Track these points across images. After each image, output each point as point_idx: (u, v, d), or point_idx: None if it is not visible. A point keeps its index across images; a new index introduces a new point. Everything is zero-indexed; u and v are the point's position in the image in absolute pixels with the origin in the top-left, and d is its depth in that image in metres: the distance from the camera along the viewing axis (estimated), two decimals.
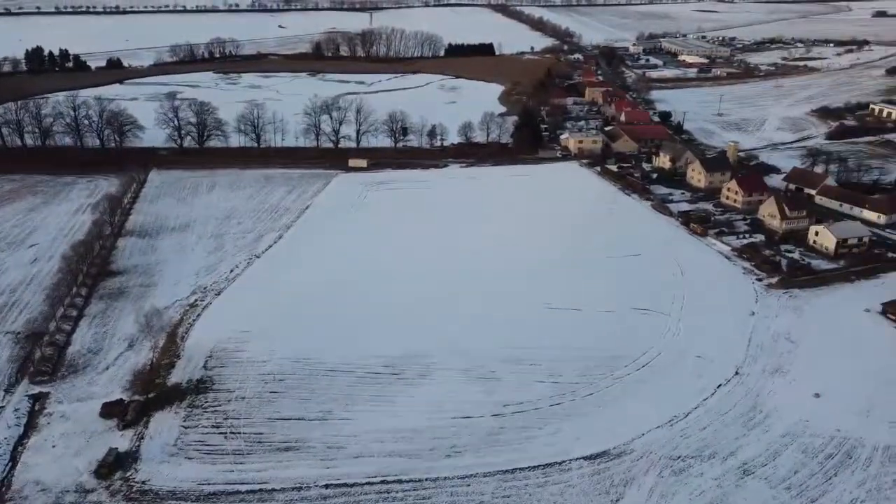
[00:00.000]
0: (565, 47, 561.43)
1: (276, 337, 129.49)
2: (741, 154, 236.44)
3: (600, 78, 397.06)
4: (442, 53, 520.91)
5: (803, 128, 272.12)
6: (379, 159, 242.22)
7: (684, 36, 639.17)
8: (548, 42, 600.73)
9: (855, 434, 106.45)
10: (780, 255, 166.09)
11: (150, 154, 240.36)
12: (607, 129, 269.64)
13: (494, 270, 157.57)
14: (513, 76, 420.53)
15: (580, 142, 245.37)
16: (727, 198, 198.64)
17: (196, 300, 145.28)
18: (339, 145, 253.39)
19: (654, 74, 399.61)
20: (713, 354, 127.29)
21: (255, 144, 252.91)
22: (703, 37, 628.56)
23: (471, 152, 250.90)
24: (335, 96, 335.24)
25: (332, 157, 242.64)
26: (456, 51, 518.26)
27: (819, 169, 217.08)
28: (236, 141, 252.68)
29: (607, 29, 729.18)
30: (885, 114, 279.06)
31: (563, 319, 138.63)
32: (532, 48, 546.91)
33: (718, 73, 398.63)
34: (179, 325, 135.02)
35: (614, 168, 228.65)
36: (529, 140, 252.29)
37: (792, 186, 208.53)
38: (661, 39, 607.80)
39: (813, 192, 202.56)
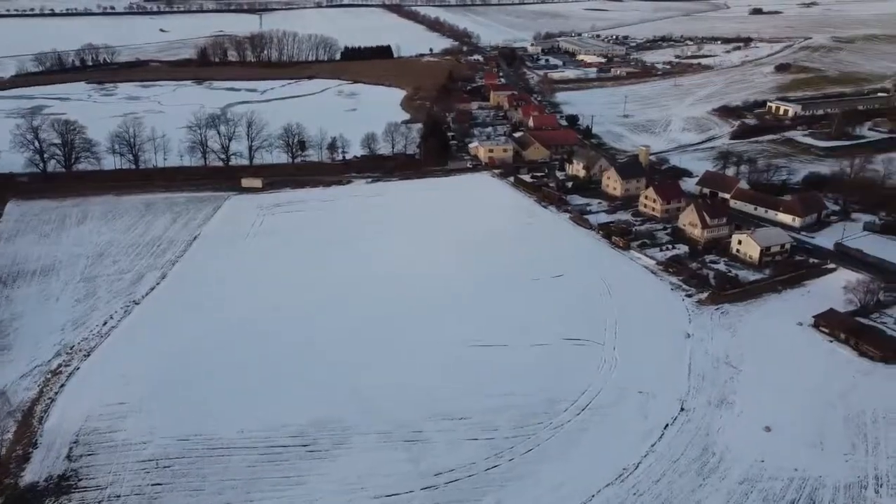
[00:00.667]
0: (464, 48, 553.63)
1: (159, 409, 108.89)
2: (652, 158, 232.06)
3: (503, 80, 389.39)
4: (338, 57, 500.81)
5: (707, 128, 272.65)
6: (275, 178, 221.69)
7: (580, 35, 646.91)
8: (446, 43, 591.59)
9: (813, 472, 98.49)
10: (706, 268, 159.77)
11: (5, 182, 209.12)
12: (516, 135, 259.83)
13: (411, 304, 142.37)
14: (414, 80, 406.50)
15: (490, 151, 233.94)
16: (645, 206, 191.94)
17: (60, 365, 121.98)
18: (230, 163, 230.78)
19: (556, 75, 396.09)
20: (655, 388, 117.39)
21: (133, 166, 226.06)
22: (598, 35, 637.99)
23: (376, 166, 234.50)
24: (224, 106, 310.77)
25: (223, 178, 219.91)
26: (353, 54, 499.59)
27: (730, 171, 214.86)
28: (111, 163, 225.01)
29: (504, 29, 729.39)
30: (781, 111, 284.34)
31: (491, 358, 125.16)
32: (431, 50, 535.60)
33: (618, 72, 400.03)
34: (37, 401, 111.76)
35: (528, 178, 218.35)
36: (437, 150, 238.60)
37: (706, 191, 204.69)
38: (558, 39, 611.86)
39: (727, 196, 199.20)
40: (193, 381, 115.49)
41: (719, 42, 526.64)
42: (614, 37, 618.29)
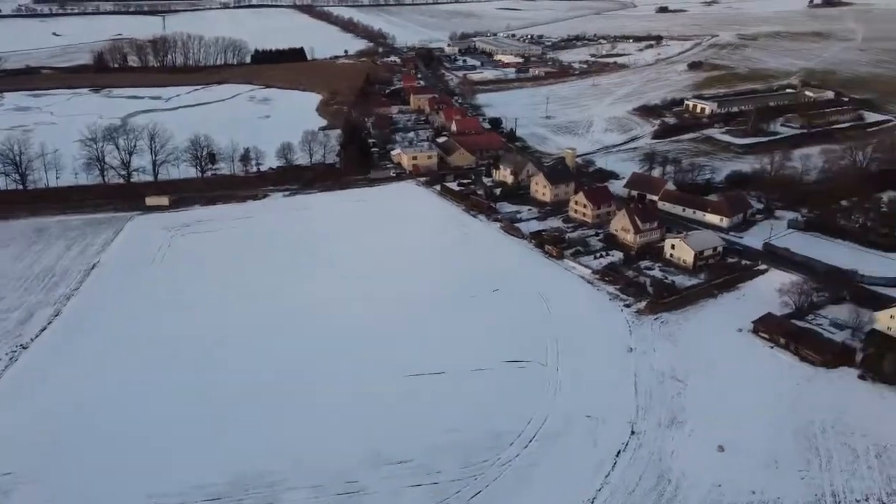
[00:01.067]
0: (380, 49, 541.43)
1: (53, 478, 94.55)
2: (578, 160, 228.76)
3: (421, 82, 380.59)
4: (248, 60, 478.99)
5: (629, 127, 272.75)
6: (183, 194, 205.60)
7: (495, 35, 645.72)
8: (361, 44, 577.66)
9: (772, 494, 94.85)
10: (642, 275, 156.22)
11: None
12: (440, 140, 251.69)
13: (341, 333, 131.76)
14: (329, 83, 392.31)
15: (414, 158, 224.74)
16: (576, 212, 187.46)
17: None
18: (132, 180, 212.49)
19: (475, 77, 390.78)
20: (603, 411, 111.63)
21: (21, 186, 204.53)
22: (513, 35, 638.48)
23: (294, 177, 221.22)
24: (124, 116, 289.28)
25: (124, 197, 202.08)
26: (264, 57, 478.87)
27: (656, 172, 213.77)
28: None
29: (419, 29, 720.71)
30: (698, 109, 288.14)
31: (429, 389, 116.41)
32: (346, 52, 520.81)
33: (536, 72, 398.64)
34: None
35: (455, 186, 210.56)
36: (358, 159, 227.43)
37: (634, 193, 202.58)
38: (475, 39, 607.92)
39: (655, 197, 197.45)
40: (93, 441, 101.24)
41: (631, 40, 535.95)
42: (529, 36, 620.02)
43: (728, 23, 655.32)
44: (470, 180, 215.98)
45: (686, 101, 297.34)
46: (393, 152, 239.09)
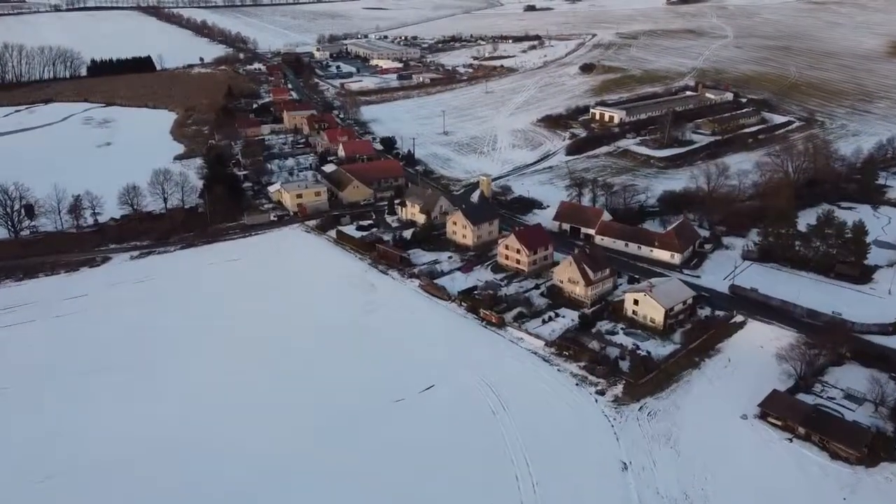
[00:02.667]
0: (241, 56, 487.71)
1: None
2: (493, 187, 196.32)
3: (293, 94, 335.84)
4: (84, 73, 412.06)
5: (538, 142, 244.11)
6: None
7: (366, 37, 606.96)
8: (218, 50, 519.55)
9: None
10: (607, 344, 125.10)
11: None
12: (327, 169, 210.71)
13: (215, 478, 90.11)
14: (184, 98, 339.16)
15: (299, 196, 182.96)
16: (507, 258, 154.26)
17: None
18: None
19: (354, 86, 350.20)
20: None
21: None
22: (385, 37, 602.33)
23: (144, 230, 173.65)
24: None
25: None
26: (103, 69, 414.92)
27: (586, 198, 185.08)
28: None
29: (281, 32, 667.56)
30: (606, 118, 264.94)
31: None
32: (201, 59, 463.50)
33: (421, 79, 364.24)
34: None
35: (353, 230, 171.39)
36: (228, 200, 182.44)
37: (566, 226, 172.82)
38: (345, 42, 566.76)
39: (591, 231, 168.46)
40: None
41: (510, 41, 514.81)
42: (403, 38, 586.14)
43: (599, 21, 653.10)
44: (371, 221, 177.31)
45: (592, 110, 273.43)
46: (271, 188, 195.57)
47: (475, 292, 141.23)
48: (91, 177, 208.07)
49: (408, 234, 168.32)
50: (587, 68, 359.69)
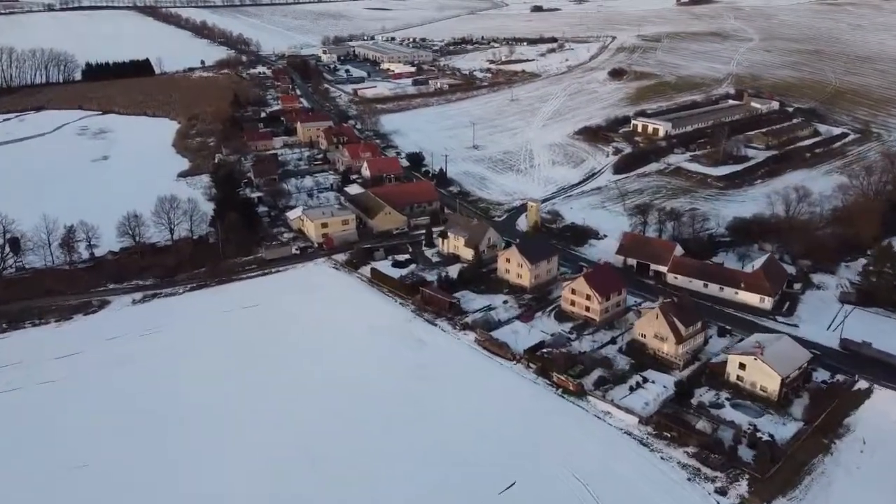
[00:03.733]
0: (244, 59, 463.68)
1: None
2: (544, 215, 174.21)
3: (303, 101, 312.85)
4: (78, 77, 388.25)
5: (579, 158, 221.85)
6: None
7: (372, 38, 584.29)
8: (219, 52, 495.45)
9: None
10: (717, 423, 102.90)
11: None
12: (351, 192, 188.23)
13: None
14: (186, 105, 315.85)
15: (324, 226, 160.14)
16: (573, 304, 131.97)
17: None
18: None
19: (368, 92, 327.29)
20: None
21: None
22: (392, 39, 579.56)
23: (148, 265, 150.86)
24: None
25: None
26: (98, 73, 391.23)
27: (651, 229, 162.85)
28: None
29: (284, 33, 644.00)
30: (650, 130, 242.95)
31: None
32: (203, 62, 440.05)
33: (438, 84, 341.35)
34: None
35: (387, 266, 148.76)
36: (241, 228, 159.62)
37: (631, 262, 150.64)
38: (351, 44, 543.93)
39: (663, 269, 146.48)
40: None
41: (525, 43, 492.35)
42: (411, 40, 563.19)
43: (613, 22, 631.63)
44: (408, 256, 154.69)
45: (633, 121, 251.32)
46: (291, 215, 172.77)
47: (544, 350, 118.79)
48: (86, 199, 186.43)
49: (453, 271, 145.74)
50: (617, 74, 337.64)
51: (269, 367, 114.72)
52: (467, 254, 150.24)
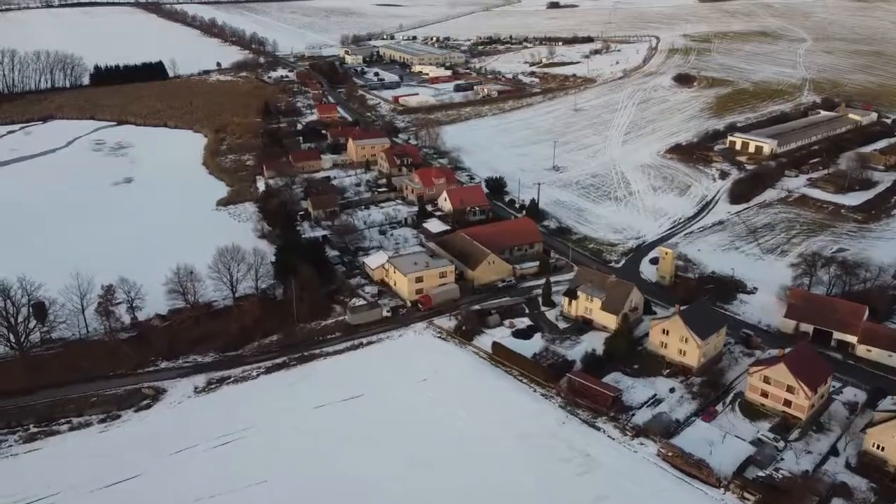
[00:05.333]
0: (262, 60, 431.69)
1: None
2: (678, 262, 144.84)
3: (343, 114, 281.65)
4: (86, 81, 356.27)
5: (682, 183, 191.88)
6: None
7: (392, 38, 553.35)
8: (233, 53, 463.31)
9: None
10: None
11: None
12: (431, 228, 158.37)
13: None
14: (210, 114, 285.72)
15: (419, 280, 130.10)
16: (765, 395, 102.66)
17: None
18: None
19: (411, 101, 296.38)
20: None
21: None
22: (414, 38, 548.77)
23: (204, 335, 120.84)
24: None
25: None
26: (108, 76, 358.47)
27: (817, 282, 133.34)
28: None
29: (297, 31, 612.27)
30: (751, 147, 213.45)
31: None
32: (219, 65, 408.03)
33: (485, 91, 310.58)
34: None
35: (509, 337, 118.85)
36: (315, 284, 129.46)
37: (805, 328, 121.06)
38: (370, 43, 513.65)
39: (850, 338, 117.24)
40: None
41: (560, 43, 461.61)
42: (434, 39, 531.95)
43: (643, 20, 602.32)
44: (529, 321, 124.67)
45: (730, 137, 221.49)
46: (371, 263, 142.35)
47: (761, 476, 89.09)
48: (116, 238, 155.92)
49: (590, 342, 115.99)
50: (685, 80, 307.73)
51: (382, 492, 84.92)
52: (605, 319, 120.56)
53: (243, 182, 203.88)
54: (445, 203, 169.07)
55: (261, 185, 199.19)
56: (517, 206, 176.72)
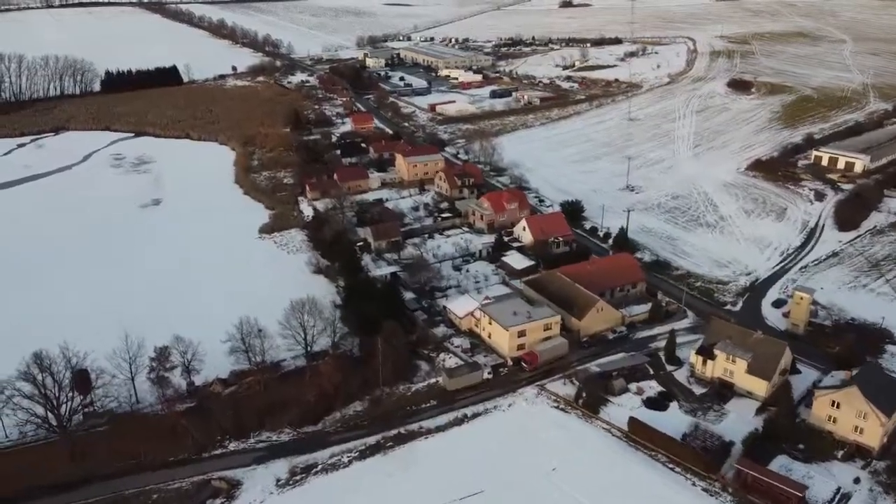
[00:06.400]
0: (278, 63, 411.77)
1: None
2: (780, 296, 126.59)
3: (379, 125, 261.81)
4: (97, 88, 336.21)
5: (776, 205, 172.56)
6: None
7: (409, 39, 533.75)
8: (245, 55, 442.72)
9: None
10: None
11: None
12: (514, 263, 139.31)
13: None
14: (233, 124, 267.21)
15: (521, 334, 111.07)
16: None
17: None
18: None
19: (450, 109, 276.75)
20: None
21: None
22: (431, 39, 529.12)
23: (276, 404, 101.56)
24: None
25: None
26: (119, 82, 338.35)
27: None
28: None
29: (307, 32, 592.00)
30: (840, 164, 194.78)
31: None
32: (234, 69, 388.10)
33: (525, 98, 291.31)
34: None
35: (639, 406, 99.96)
36: (400, 338, 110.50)
37: None
38: (387, 44, 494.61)
39: None
40: None
41: (589, 45, 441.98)
42: (452, 40, 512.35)
43: (667, 19, 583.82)
44: (660, 387, 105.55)
45: (815, 152, 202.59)
46: (455, 308, 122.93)
47: None
48: (154, 279, 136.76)
49: (742, 414, 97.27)
50: (741, 86, 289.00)
51: None
52: (751, 385, 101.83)
53: (284, 204, 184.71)
54: (524, 233, 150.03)
55: (304, 208, 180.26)
56: (600, 234, 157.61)
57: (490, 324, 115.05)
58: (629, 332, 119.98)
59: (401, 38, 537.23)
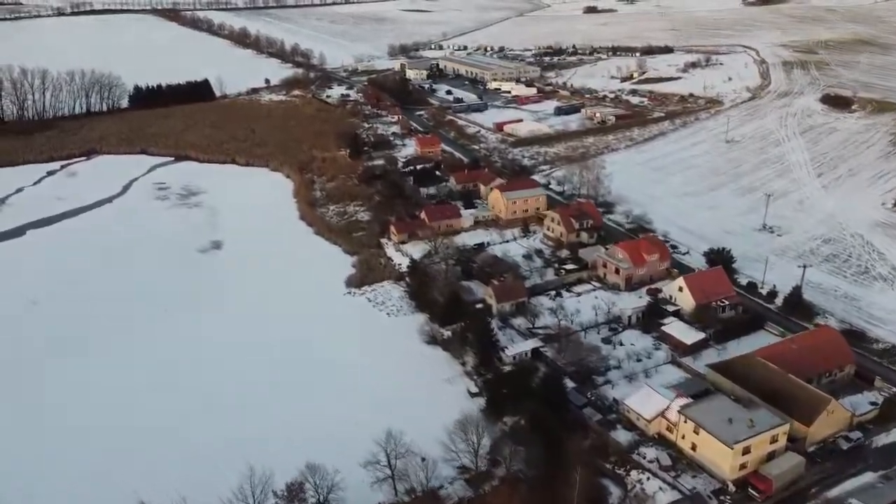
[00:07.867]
0: (311, 75, 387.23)
1: None
2: None
3: (446, 148, 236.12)
4: (125, 104, 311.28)
5: None
6: None
7: (440, 47, 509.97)
8: (274, 66, 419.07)
9: None
10: None
11: None
12: (680, 335, 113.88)
13: None
14: (280, 145, 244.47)
15: (745, 452, 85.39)
16: None
17: None
18: None
19: (521, 130, 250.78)
20: None
21: None
22: (465, 48, 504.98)
23: None
24: None
25: None
26: (148, 98, 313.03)
27: None
28: None
29: (330, 40, 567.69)
30: None
31: None
32: (268, 81, 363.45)
33: (598, 116, 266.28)
34: None
35: None
36: (589, 454, 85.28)
37: None
38: (420, 54, 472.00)
39: None
40: None
41: (638, 54, 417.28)
42: (487, 48, 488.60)
43: (703, 26, 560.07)
44: None
45: None
46: (637, 407, 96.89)
47: None
48: (242, 365, 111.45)
49: None
50: (838, 102, 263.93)
51: None
52: None
53: (366, 248, 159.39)
54: (681, 294, 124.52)
55: (392, 253, 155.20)
56: (761, 291, 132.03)
57: (697, 433, 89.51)
58: (865, 438, 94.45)
59: (431, 46, 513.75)
